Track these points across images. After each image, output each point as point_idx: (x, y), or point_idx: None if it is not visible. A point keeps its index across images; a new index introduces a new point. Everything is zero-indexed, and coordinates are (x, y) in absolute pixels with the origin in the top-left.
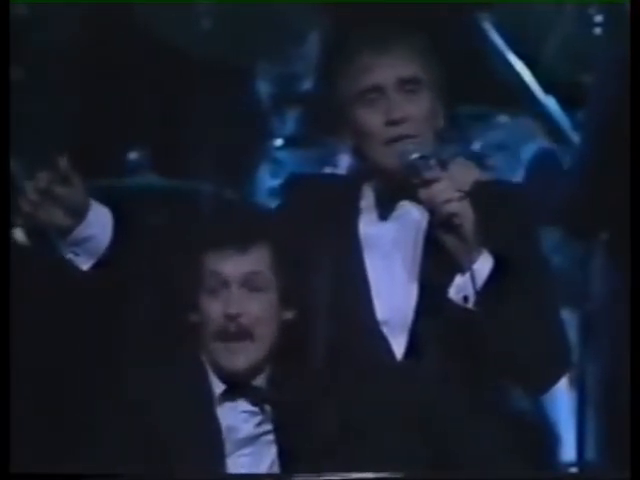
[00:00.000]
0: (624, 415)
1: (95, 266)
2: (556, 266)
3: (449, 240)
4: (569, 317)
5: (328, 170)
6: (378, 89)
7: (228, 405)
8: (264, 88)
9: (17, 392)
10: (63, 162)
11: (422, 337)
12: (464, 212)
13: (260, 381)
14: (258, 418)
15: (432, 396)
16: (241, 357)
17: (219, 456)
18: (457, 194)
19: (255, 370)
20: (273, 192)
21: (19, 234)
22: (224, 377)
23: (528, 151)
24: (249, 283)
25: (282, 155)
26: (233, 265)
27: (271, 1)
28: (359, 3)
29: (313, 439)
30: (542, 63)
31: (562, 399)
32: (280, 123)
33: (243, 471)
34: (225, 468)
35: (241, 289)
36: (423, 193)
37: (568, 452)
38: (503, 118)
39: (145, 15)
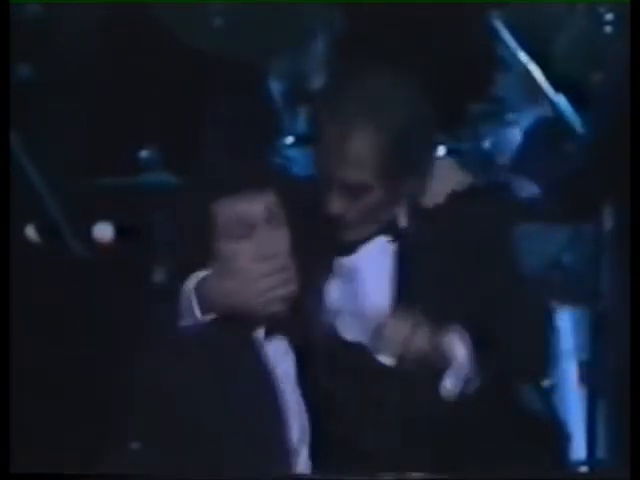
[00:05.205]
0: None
1: None
2: (566, 265)
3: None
4: (580, 315)
5: None
6: None
7: (268, 345)
8: (276, 86)
9: (17, 392)
10: None
11: None
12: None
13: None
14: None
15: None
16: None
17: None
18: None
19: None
20: None
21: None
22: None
23: (527, 118)
24: (271, 220)
25: (293, 153)
26: (253, 205)
27: (283, 0)
28: (370, 3)
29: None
30: (553, 62)
31: (572, 397)
32: (292, 121)
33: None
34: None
35: (266, 227)
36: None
37: (578, 451)
38: (513, 117)
39: (158, 14)
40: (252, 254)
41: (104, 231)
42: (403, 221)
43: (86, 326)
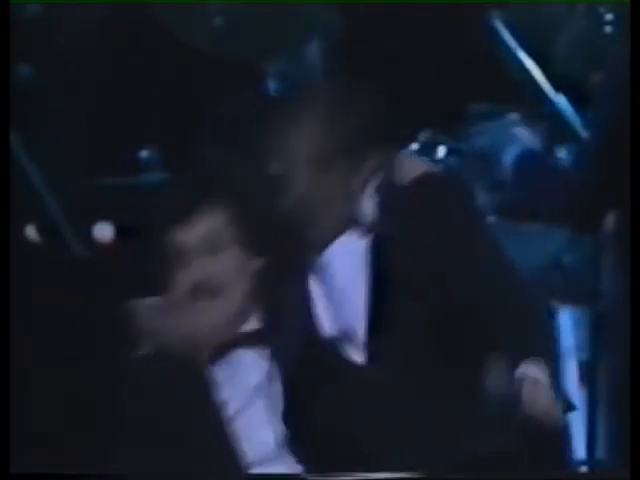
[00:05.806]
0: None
1: None
2: (566, 266)
3: None
4: (580, 315)
5: None
6: None
7: (226, 360)
8: (274, 87)
9: (18, 392)
10: None
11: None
12: None
13: (250, 326)
14: (265, 366)
15: (440, 397)
16: (212, 313)
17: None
18: None
19: (235, 322)
20: None
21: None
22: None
23: (510, 153)
24: (208, 245)
25: None
26: (189, 231)
27: (283, 0)
28: (370, 3)
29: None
30: (553, 62)
31: (572, 397)
32: None
33: (258, 419)
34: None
35: (202, 253)
36: None
37: (579, 451)
38: (513, 116)
39: (158, 14)
40: (189, 284)
41: (104, 231)
42: (369, 214)
43: (86, 326)
